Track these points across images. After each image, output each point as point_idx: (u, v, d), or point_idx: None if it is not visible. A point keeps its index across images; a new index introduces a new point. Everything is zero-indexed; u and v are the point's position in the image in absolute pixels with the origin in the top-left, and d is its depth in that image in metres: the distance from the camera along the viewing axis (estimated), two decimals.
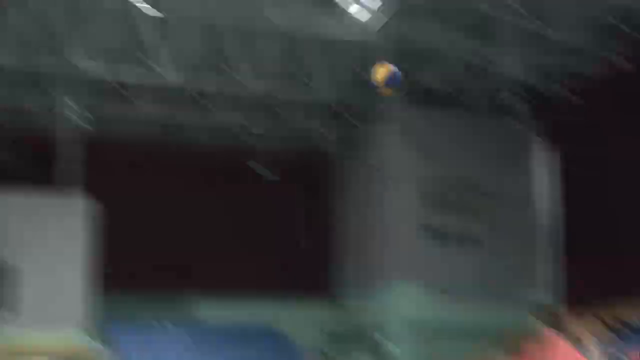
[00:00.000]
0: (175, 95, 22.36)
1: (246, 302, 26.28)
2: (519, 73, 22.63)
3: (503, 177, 26.41)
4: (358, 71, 21.40)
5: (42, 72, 20.86)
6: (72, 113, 23.07)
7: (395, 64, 6.96)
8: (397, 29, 20.03)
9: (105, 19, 18.71)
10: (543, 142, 26.70)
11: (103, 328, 23.42)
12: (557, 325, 22.26)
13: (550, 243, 26.92)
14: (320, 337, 26.89)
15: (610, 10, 20.05)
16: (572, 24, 20.31)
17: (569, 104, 24.76)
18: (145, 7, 18.22)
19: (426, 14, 19.82)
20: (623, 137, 22.87)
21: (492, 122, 25.63)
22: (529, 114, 25.99)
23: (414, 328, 25.54)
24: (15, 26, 18.65)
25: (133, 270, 24.11)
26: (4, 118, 22.35)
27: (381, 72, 6.59)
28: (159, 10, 18.49)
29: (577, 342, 15.25)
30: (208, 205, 25.78)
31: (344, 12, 19.27)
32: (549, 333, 13.21)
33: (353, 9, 19.17)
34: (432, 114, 24.96)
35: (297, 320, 26.38)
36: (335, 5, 19.07)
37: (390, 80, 6.65)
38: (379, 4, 18.97)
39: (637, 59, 22.03)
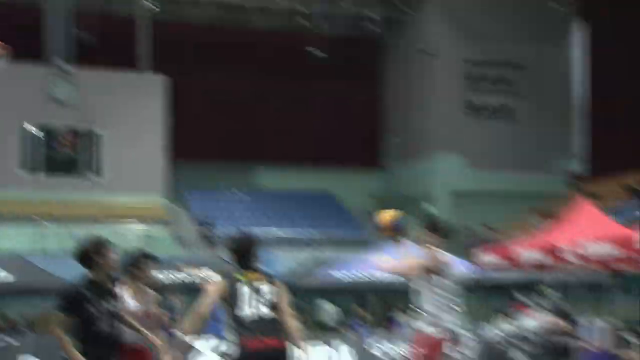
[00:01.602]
0: None
1: (304, 171, 29.66)
2: None
3: (540, 54, 28.83)
4: None
5: None
6: None
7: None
8: None
9: None
10: (577, 20, 28.96)
11: (178, 193, 26.88)
12: (586, 191, 22.41)
13: (581, 115, 29.08)
14: (369, 202, 29.82)
15: None
16: None
17: None
18: None
19: None
20: None
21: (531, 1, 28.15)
22: None
23: (455, 195, 28.45)
24: None
25: (203, 141, 27.80)
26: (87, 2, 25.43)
27: (386, 217, 6.96)
28: None
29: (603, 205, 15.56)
30: (268, 83, 28.94)
31: None
32: (579, 198, 13.63)
33: None
34: None
35: (349, 187, 29.67)
36: None
37: (395, 226, 6.97)
38: None
39: None
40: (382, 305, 25.33)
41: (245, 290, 5.47)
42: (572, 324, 14.09)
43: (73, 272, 6.17)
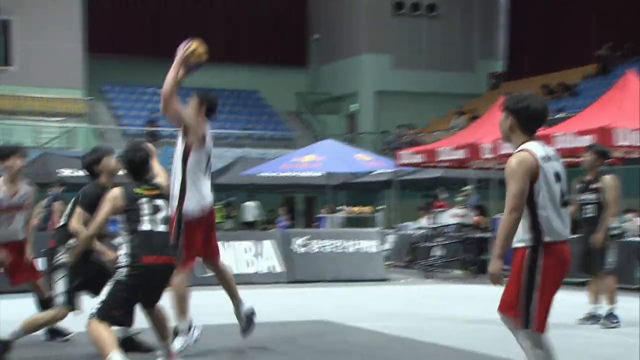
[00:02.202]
0: None
1: (228, 69, 29.08)
2: None
3: None
4: None
5: None
6: None
7: None
8: None
9: None
10: None
11: (97, 88, 26.65)
12: (506, 90, 23.07)
13: (505, 16, 29.23)
14: (294, 100, 30.16)
15: None
16: None
17: None
18: None
19: None
20: None
21: None
22: None
23: (380, 95, 28.49)
24: None
25: (123, 35, 27.56)
26: None
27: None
28: None
29: None
30: None
31: None
32: (500, 97, 14.21)
33: None
34: None
35: (275, 85, 29.56)
36: None
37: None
38: None
39: None
40: (307, 203, 25.61)
41: (145, 206, 5.57)
42: (488, 220, 14.56)
43: None
